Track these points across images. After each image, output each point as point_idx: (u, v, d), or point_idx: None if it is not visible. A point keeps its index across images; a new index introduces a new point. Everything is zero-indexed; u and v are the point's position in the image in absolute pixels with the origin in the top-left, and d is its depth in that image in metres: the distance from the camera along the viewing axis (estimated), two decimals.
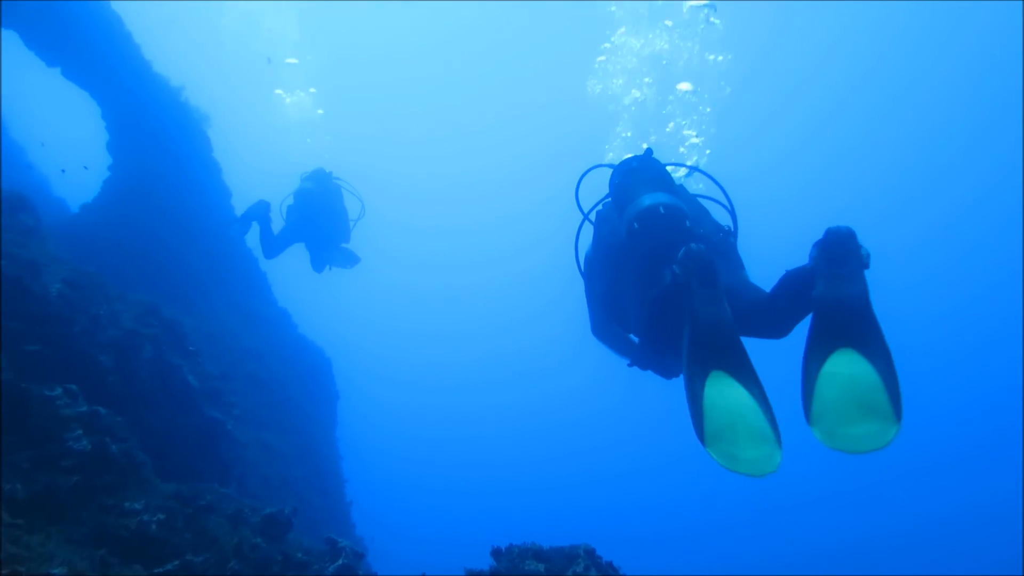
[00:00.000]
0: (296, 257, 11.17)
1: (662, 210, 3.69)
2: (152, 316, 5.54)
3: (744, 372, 3.00)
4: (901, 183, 39.09)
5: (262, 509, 4.33)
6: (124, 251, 8.87)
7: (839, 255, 2.96)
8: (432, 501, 35.46)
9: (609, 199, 4.38)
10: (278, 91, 12.22)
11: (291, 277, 11.78)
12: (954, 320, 38.28)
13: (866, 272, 2.95)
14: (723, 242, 3.97)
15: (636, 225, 3.73)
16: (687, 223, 3.72)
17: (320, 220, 10.52)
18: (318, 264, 10.11)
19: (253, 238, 11.07)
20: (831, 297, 2.94)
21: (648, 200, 3.75)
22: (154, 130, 9.60)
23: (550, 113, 43.46)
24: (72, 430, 4.10)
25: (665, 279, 3.28)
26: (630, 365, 4.25)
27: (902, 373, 2.79)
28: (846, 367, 2.87)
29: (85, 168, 9.24)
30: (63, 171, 10.28)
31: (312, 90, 11.94)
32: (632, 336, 4.33)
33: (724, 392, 2.96)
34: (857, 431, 2.75)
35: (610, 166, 4.44)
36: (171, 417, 5.54)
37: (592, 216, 4.49)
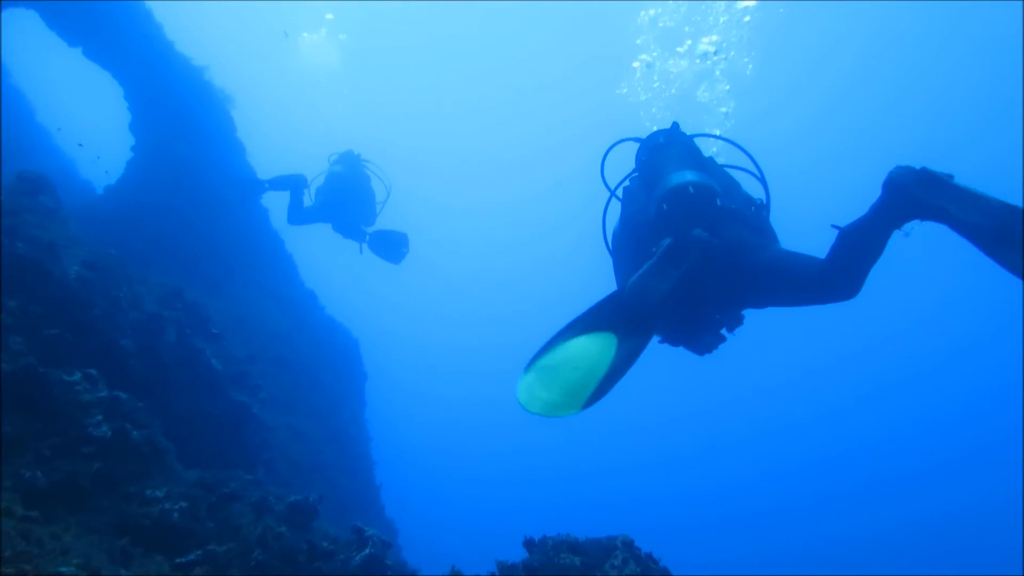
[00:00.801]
0: (322, 240, 11.08)
1: (691, 190, 3.55)
2: (175, 299, 5.42)
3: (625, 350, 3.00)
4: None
5: (287, 497, 4.20)
6: (149, 233, 8.80)
7: (939, 188, 2.99)
8: (461, 487, 35.63)
9: (636, 174, 4.24)
10: (304, 34, 12.05)
11: (318, 258, 11.69)
12: (954, 319, 37.79)
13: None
14: (756, 216, 3.82)
15: (665, 206, 3.59)
16: (717, 201, 3.58)
17: (348, 203, 10.50)
18: (356, 235, 10.23)
19: (278, 219, 11.00)
20: (964, 221, 2.94)
21: (676, 179, 3.62)
22: (177, 110, 9.48)
23: (583, 89, 43.01)
24: (92, 416, 3.99)
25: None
26: (661, 342, 4.14)
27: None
28: None
29: (98, 158, 9.17)
30: (80, 144, 10.21)
31: (342, 36, 11.69)
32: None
33: (591, 348, 2.99)
34: None
35: (636, 140, 4.28)
36: (196, 402, 5.44)
37: (619, 192, 4.34)
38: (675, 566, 3.45)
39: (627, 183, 4.31)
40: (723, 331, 4.01)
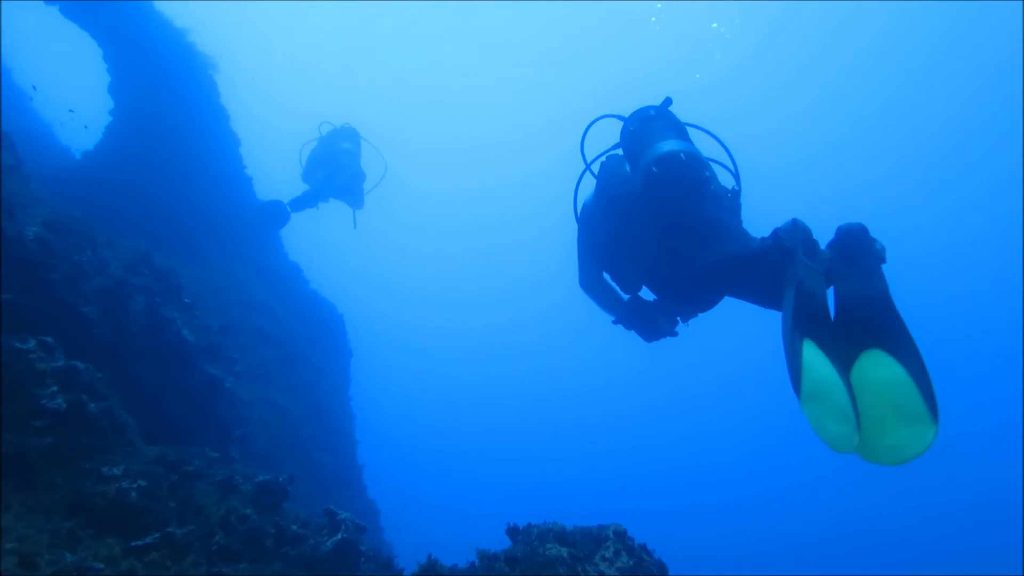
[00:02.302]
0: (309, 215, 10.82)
1: (683, 156, 3.55)
2: (143, 264, 5.12)
3: (834, 350, 2.69)
4: (902, 178, 38.53)
5: (255, 476, 3.94)
6: (126, 199, 8.47)
7: (854, 253, 2.82)
8: (448, 470, 35.50)
9: (617, 150, 4.22)
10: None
11: (304, 231, 11.43)
12: (954, 319, 37.70)
13: (883, 267, 2.83)
14: (732, 200, 3.81)
15: (655, 169, 3.55)
16: (706, 173, 3.58)
17: (348, 183, 10.33)
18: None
19: (263, 190, 10.70)
20: (851, 296, 2.78)
21: (668, 146, 3.63)
22: (158, 73, 9.11)
23: (571, 77, 42.63)
24: (47, 387, 3.71)
25: (758, 242, 3.13)
26: (615, 322, 4.13)
27: (933, 370, 2.55)
28: (876, 370, 2.65)
29: (85, 127, 8.83)
30: (71, 111, 9.87)
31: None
32: (621, 292, 4.18)
33: (817, 360, 2.67)
34: (895, 440, 2.52)
35: (619, 117, 4.25)
36: (165, 374, 5.16)
37: (595, 167, 4.33)
38: (671, 557, 3.22)
39: (603, 159, 4.29)
40: (678, 320, 3.98)
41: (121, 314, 4.83)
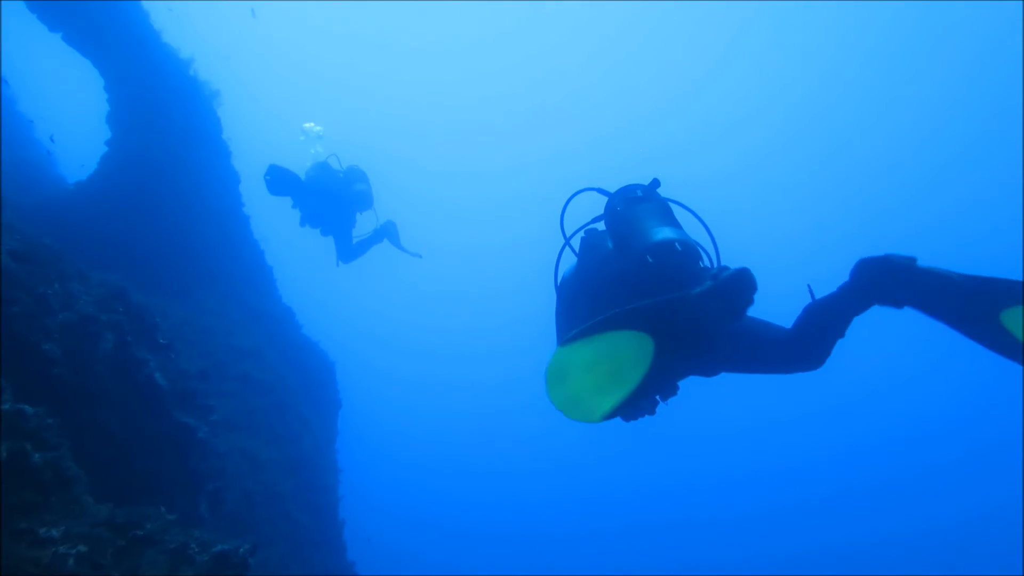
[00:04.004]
0: (304, 254, 10.50)
1: (679, 247, 3.53)
2: (117, 300, 4.75)
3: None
4: (903, 178, 38.50)
5: (214, 544, 3.50)
6: (117, 232, 8.17)
7: (903, 277, 3.02)
8: (433, 516, 34.73)
9: (599, 223, 4.23)
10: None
11: (300, 273, 11.11)
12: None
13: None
14: None
15: (651, 259, 3.54)
16: (700, 263, 3.67)
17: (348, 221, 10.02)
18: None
19: (260, 228, 10.42)
20: (932, 301, 3.00)
21: (663, 234, 3.61)
22: (159, 105, 8.89)
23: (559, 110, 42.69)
24: None
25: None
26: None
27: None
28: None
29: (51, 140, 8.54)
30: (52, 139, 9.61)
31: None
32: None
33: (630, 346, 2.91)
34: None
35: (604, 193, 4.21)
36: (132, 421, 4.75)
37: (575, 239, 4.32)
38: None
39: (584, 234, 4.26)
40: (657, 399, 3.94)
41: (87, 354, 4.44)
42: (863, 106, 38.10)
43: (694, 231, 4.02)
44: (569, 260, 4.34)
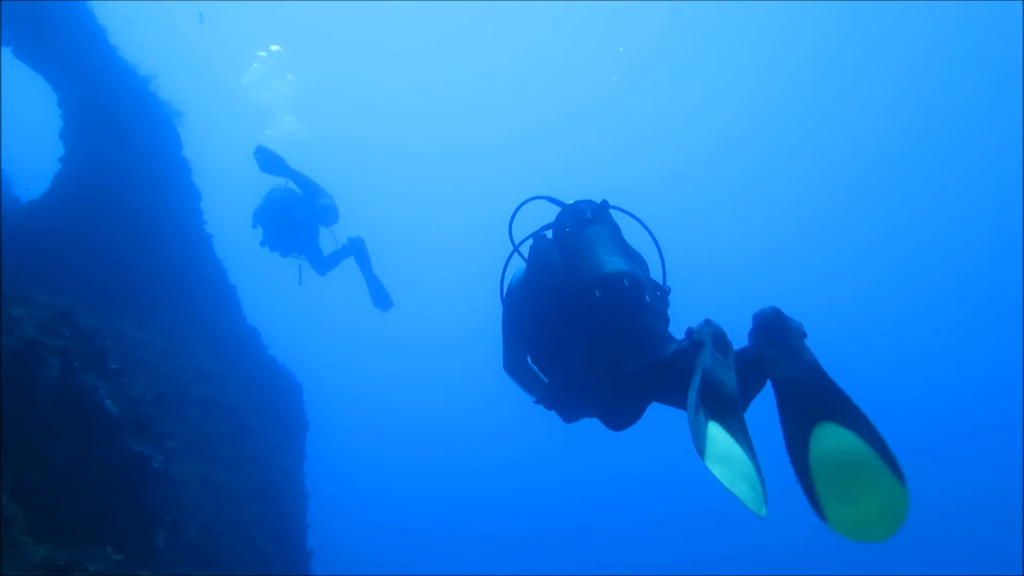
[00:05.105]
0: (268, 272, 10.27)
1: (626, 282, 3.53)
2: (63, 324, 4.48)
3: (741, 434, 2.72)
4: (901, 178, 38.52)
5: None
6: (71, 253, 7.87)
7: (774, 334, 2.93)
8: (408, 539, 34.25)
9: (547, 234, 4.14)
10: (256, 63, 11.34)
11: (263, 292, 10.84)
12: (953, 317, 37.86)
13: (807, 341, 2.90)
14: (660, 301, 3.85)
15: (598, 294, 3.52)
16: (647, 297, 3.61)
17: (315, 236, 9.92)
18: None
19: (222, 247, 10.15)
20: (784, 377, 2.87)
21: (611, 266, 3.61)
22: (115, 121, 8.61)
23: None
24: None
25: (675, 343, 3.28)
26: (535, 402, 4.14)
27: (886, 432, 2.56)
28: (831, 443, 2.70)
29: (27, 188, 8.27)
30: None
31: (289, 77, 11.08)
32: (542, 375, 4.18)
33: (722, 436, 2.68)
34: (871, 509, 2.54)
35: (558, 203, 4.18)
36: (80, 453, 4.47)
37: (523, 246, 4.27)
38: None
39: (532, 242, 4.18)
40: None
41: (29, 381, 4.17)
42: (862, 107, 38.11)
43: (642, 242, 4.03)
44: (515, 266, 4.32)
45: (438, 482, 37.84)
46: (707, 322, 3.13)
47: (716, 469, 2.50)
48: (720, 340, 3.04)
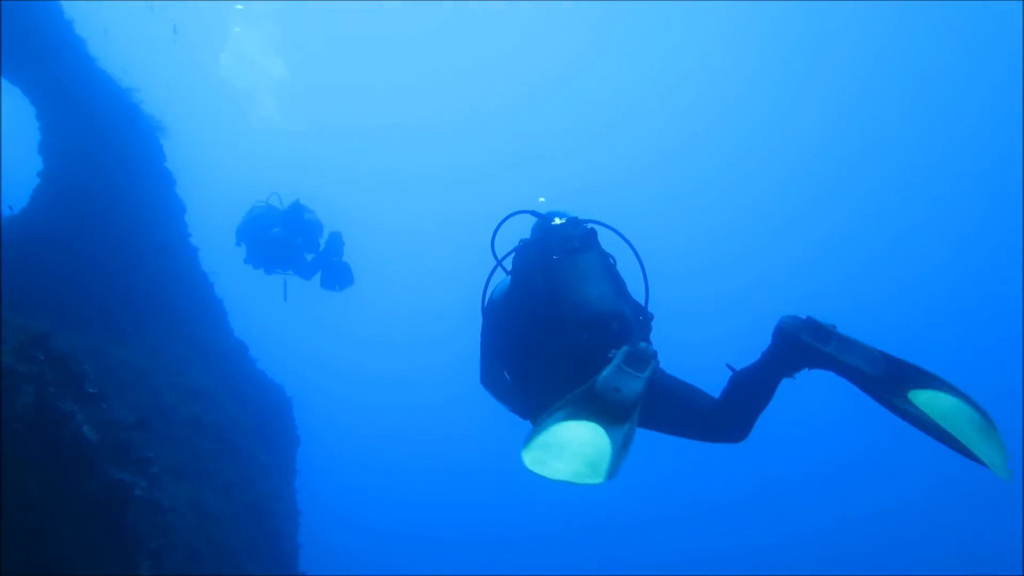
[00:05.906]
0: (257, 284, 10.12)
1: (615, 325, 3.51)
2: (37, 348, 4.27)
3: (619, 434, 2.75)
4: (902, 178, 38.55)
5: None
6: (50, 271, 7.63)
7: (819, 335, 3.14)
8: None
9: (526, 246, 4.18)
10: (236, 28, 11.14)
11: (251, 305, 10.64)
12: (952, 317, 37.95)
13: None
14: (644, 325, 3.91)
15: (585, 335, 3.49)
16: (632, 336, 3.57)
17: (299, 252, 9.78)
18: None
19: (208, 260, 9.96)
20: (854, 365, 3.06)
21: (599, 306, 3.57)
22: (97, 132, 8.39)
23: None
24: None
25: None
26: (512, 411, 4.19)
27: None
28: (938, 404, 2.97)
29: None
30: None
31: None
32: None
33: (575, 432, 2.74)
34: (998, 447, 2.89)
35: (535, 214, 4.27)
36: (57, 483, 4.26)
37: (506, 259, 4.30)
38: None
39: (515, 256, 4.20)
40: None
41: (2, 410, 3.96)
42: (862, 106, 38.13)
43: (622, 253, 4.04)
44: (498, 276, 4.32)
45: (428, 484, 37.76)
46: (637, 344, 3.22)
47: (531, 454, 2.61)
48: (634, 355, 3.08)
